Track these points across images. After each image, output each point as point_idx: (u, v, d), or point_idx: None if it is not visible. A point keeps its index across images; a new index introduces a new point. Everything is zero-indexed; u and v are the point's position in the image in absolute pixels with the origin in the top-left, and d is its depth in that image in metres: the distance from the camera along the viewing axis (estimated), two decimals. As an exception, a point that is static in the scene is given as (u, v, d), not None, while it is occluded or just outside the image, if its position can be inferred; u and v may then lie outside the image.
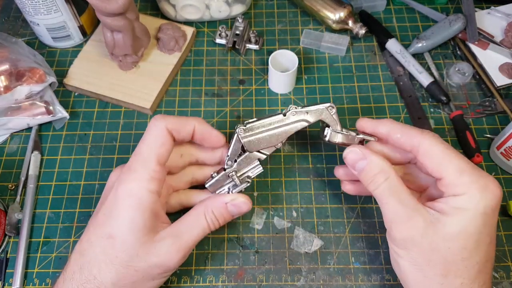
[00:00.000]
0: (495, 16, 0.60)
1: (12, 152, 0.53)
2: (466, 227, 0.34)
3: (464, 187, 0.34)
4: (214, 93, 0.57)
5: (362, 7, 0.62)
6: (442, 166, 0.36)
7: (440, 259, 0.34)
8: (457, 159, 0.35)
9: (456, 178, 0.35)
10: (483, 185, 0.34)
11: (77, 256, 0.37)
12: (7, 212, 0.48)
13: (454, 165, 0.35)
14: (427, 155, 0.37)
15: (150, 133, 0.39)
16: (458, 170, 0.35)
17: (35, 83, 0.52)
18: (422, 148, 0.37)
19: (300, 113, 0.42)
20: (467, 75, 0.56)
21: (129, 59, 0.55)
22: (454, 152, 0.36)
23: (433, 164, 0.36)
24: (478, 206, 0.34)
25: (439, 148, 0.36)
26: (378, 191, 0.37)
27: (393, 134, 0.39)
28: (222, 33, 0.60)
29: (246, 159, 0.42)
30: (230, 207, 0.40)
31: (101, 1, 0.47)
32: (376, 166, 0.38)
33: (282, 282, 0.45)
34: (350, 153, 0.39)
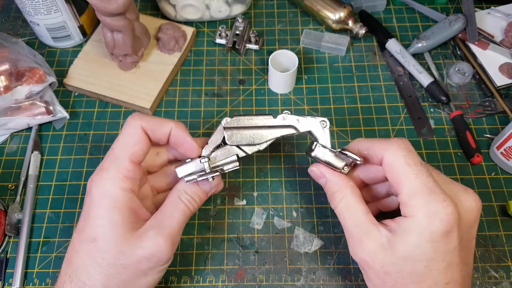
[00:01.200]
0: (495, 16, 0.60)
1: (12, 152, 0.53)
2: (412, 252, 0.33)
3: (413, 210, 0.34)
4: (214, 93, 0.57)
5: (362, 7, 0.62)
6: (398, 183, 0.35)
7: (392, 283, 0.34)
8: (414, 178, 0.34)
9: (407, 199, 0.34)
10: (433, 211, 0.33)
11: (65, 265, 0.36)
12: (7, 212, 0.48)
13: (408, 185, 0.34)
14: (387, 169, 0.36)
15: (124, 131, 0.38)
16: (410, 191, 0.34)
17: (35, 83, 0.52)
18: (384, 161, 0.36)
19: (290, 118, 0.40)
20: (467, 75, 0.56)
21: (129, 59, 0.55)
22: (414, 170, 0.34)
23: (391, 178, 0.35)
24: (424, 232, 0.33)
25: (399, 163, 0.35)
26: (336, 210, 0.38)
27: (362, 151, 0.38)
28: (222, 33, 0.60)
29: (224, 152, 0.40)
30: (201, 183, 0.39)
31: (101, 1, 0.47)
32: (332, 185, 0.38)
33: (282, 282, 0.45)
34: (311, 172, 0.41)
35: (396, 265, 0.34)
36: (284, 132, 0.41)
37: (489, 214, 0.48)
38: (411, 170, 0.34)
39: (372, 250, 0.35)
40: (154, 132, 0.38)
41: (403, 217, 0.34)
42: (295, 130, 0.41)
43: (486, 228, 0.47)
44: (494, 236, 0.46)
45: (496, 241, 0.46)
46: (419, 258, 0.33)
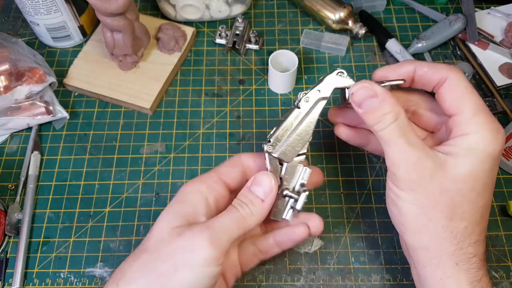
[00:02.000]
0: (495, 16, 0.60)
1: (12, 152, 0.53)
2: (476, 168, 0.33)
3: (477, 126, 0.34)
4: (214, 93, 0.57)
5: (362, 7, 0.62)
6: (462, 102, 0.35)
7: (447, 201, 0.34)
8: (477, 99, 0.35)
9: (472, 116, 0.34)
10: (496, 128, 0.34)
11: None
12: (7, 212, 0.48)
13: (473, 103, 0.34)
14: (450, 89, 0.35)
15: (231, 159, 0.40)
16: (476, 108, 0.34)
17: (35, 83, 0.52)
18: (448, 81, 0.36)
19: (312, 96, 0.38)
20: (467, 75, 0.56)
21: (129, 59, 0.55)
22: (475, 92, 0.35)
23: (453, 98, 0.35)
24: (489, 148, 0.33)
25: (463, 85, 0.35)
26: (386, 131, 0.35)
27: (419, 69, 0.37)
28: (222, 33, 0.60)
29: (289, 171, 0.39)
30: (252, 187, 0.37)
31: (101, 1, 0.47)
32: (387, 105, 0.35)
33: (282, 282, 0.44)
34: (361, 89, 0.36)
35: (457, 182, 0.33)
36: (318, 110, 0.39)
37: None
38: (473, 92, 0.35)
39: (431, 167, 0.34)
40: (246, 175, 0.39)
41: (464, 136, 0.34)
42: (324, 99, 0.39)
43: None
44: (494, 236, 0.46)
45: (496, 241, 0.46)
46: (481, 174, 0.33)
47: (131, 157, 0.52)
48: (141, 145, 0.53)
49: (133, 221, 0.48)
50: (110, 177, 0.51)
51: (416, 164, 0.34)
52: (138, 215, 0.48)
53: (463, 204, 0.34)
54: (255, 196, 0.37)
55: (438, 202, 0.34)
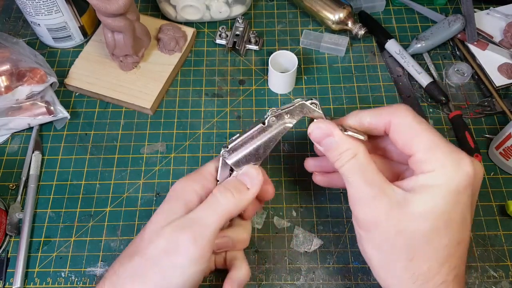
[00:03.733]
0: (494, 17, 0.60)
1: (13, 152, 0.53)
2: (435, 205, 0.31)
3: (435, 163, 0.32)
4: (214, 93, 0.57)
5: (362, 8, 0.62)
6: (412, 142, 0.33)
7: (406, 242, 0.32)
8: (429, 134, 0.33)
9: (427, 154, 0.33)
10: (456, 160, 0.32)
11: None
12: (8, 212, 0.48)
13: (425, 140, 0.33)
14: (397, 131, 0.34)
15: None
16: (429, 145, 0.33)
17: (36, 83, 0.52)
18: (393, 124, 0.35)
19: (280, 116, 0.39)
20: (466, 75, 0.56)
21: (130, 60, 0.55)
22: (426, 127, 0.34)
23: (403, 140, 0.34)
24: (450, 182, 0.31)
25: (410, 123, 0.34)
26: (344, 169, 0.35)
27: (364, 120, 0.37)
28: (222, 33, 0.60)
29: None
30: (240, 176, 0.37)
31: (102, 2, 0.47)
32: (343, 143, 0.35)
33: (281, 282, 0.45)
34: (316, 129, 0.36)
35: (413, 221, 0.32)
36: (281, 132, 0.39)
37: (488, 214, 0.48)
38: (423, 127, 0.33)
39: (386, 207, 0.32)
40: None
41: (422, 174, 0.33)
42: (290, 124, 0.39)
43: (485, 228, 0.47)
44: (493, 235, 0.47)
45: (495, 241, 0.46)
46: (442, 211, 0.31)
47: (132, 157, 0.52)
48: (142, 145, 0.53)
49: (133, 221, 0.48)
50: (111, 177, 0.51)
51: (371, 203, 0.33)
52: (139, 215, 0.49)
53: (423, 245, 0.32)
54: (241, 183, 0.37)
55: (395, 243, 0.32)
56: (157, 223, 0.35)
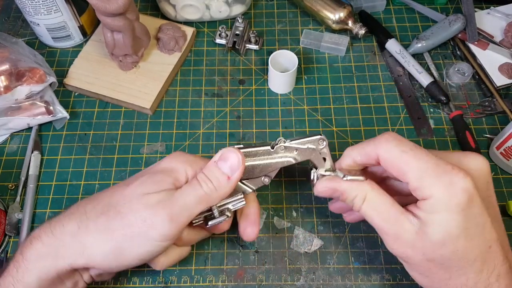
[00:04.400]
0: (494, 16, 0.60)
1: (12, 152, 0.53)
2: (448, 230, 0.32)
3: (429, 190, 0.33)
4: (214, 93, 0.57)
5: (362, 7, 0.62)
6: (402, 172, 0.34)
7: (438, 266, 0.34)
8: (415, 161, 0.34)
9: (418, 182, 0.33)
10: (447, 182, 0.32)
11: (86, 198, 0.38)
12: (7, 212, 0.48)
13: (412, 169, 0.34)
14: (386, 164, 0.35)
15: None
16: (417, 173, 0.33)
17: (35, 83, 0.52)
18: (380, 159, 0.36)
19: (289, 149, 0.40)
20: (467, 75, 0.56)
21: (129, 59, 0.55)
22: (411, 154, 0.34)
23: (394, 171, 0.35)
24: (449, 205, 0.32)
25: (395, 153, 0.34)
26: (362, 212, 0.37)
27: (356, 159, 0.38)
28: (222, 33, 0.60)
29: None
30: (219, 163, 0.37)
31: (101, 1, 0.47)
32: (350, 191, 0.37)
33: (282, 282, 0.45)
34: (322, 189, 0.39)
35: (436, 250, 0.33)
36: (284, 162, 0.40)
37: (488, 214, 0.48)
38: (408, 155, 0.34)
39: (409, 241, 0.34)
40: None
41: (423, 201, 0.33)
42: (294, 160, 0.40)
43: (485, 228, 0.47)
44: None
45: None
46: (456, 235, 0.32)
47: (131, 157, 0.52)
48: (141, 145, 0.53)
49: (133, 221, 0.48)
50: (110, 177, 0.51)
51: (395, 241, 0.35)
52: (138, 215, 0.48)
53: (453, 264, 0.33)
54: (221, 173, 0.37)
55: (430, 268, 0.34)
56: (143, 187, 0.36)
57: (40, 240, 0.35)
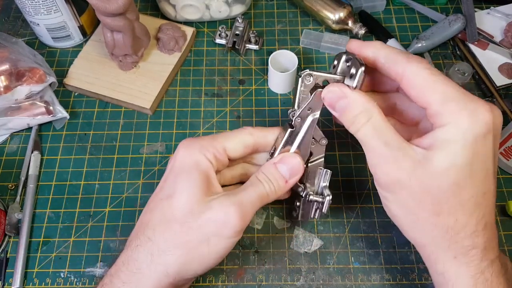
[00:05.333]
0: (494, 16, 0.60)
1: (12, 152, 0.53)
2: (455, 160, 0.31)
3: (450, 116, 0.31)
4: (214, 93, 0.57)
5: (362, 7, 0.62)
6: (426, 94, 0.33)
7: (431, 199, 0.32)
8: (443, 85, 0.32)
9: (441, 106, 0.32)
10: (472, 110, 0.31)
11: (136, 227, 0.38)
12: (7, 212, 0.48)
13: (439, 92, 0.32)
14: (410, 82, 0.33)
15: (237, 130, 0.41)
16: (443, 96, 0.32)
17: (35, 83, 0.52)
18: (405, 75, 0.34)
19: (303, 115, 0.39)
20: (467, 75, 0.56)
21: (129, 59, 0.55)
22: (441, 78, 0.33)
23: (416, 92, 0.33)
24: (468, 134, 0.31)
25: (424, 74, 0.33)
26: (361, 133, 0.34)
27: (377, 59, 0.36)
28: (222, 33, 0.60)
29: (310, 175, 0.41)
30: (279, 165, 0.39)
31: (101, 1, 0.47)
32: (357, 105, 0.34)
33: (281, 282, 0.45)
34: (329, 93, 0.36)
35: (436, 178, 0.32)
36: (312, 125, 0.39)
37: (488, 214, 0.48)
38: (438, 79, 0.33)
39: (408, 166, 0.32)
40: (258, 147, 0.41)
41: (439, 128, 0.32)
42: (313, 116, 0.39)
43: (485, 228, 0.47)
44: (494, 236, 0.46)
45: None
46: (462, 165, 0.31)
47: (131, 157, 0.52)
48: (141, 145, 0.53)
49: (133, 221, 0.48)
50: (110, 177, 0.51)
51: (393, 165, 0.33)
52: (138, 215, 0.48)
53: (448, 199, 0.32)
54: (280, 176, 0.39)
55: (421, 201, 0.33)
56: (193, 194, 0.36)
57: (119, 278, 0.35)
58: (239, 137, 0.40)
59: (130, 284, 0.34)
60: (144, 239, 0.35)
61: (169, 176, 0.38)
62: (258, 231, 0.47)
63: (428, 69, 0.33)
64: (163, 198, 0.37)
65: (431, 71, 0.33)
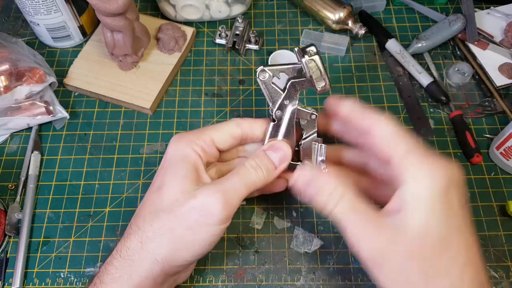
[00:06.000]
0: (494, 16, 0.60)
1: (12, 152, 0.53)
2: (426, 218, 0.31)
3: (412, 170, 0.33)
4: (214, 93, 0.57)
5: (362, 7, 0.62)
6: (390, 147, 0.35)
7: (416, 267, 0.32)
8: (406, 141, 0.34)
9: (403, 160, 0.33)
10: (432, 165, 0.32)
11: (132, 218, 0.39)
12: (7, 212, 0.48)
13: (402, 147, 0.34)
14: (377, 136, 0.36)
15: (225, 122, 0.41)
16: (405, 151, 0.34)
17: (35, 83, 0.52)
18: (373, 129, 0.36)
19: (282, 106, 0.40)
20: (467, 75, 0.56)
21: (129, 59, 0.55)
22: (404, 135, 0.35)
23: (382, 145, 0.35)
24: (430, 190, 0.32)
25: (390, 130, 0.35)
26: (336, 212, 0.35)
27: (350, 115, 0.38)
28: (222, 33, 0.60)
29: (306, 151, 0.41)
30: (268, 152, 0.39)
31: (101, 1, 0.47)
32: (329, 185, 0.36)
33: (281, 282, 0.45)
34: (301, 177, 0.38)
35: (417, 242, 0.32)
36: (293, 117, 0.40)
37: (488, 214, 0.48)
38: (400, 136, 0.35)
39: (388, 237, 0.32)
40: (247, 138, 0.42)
41: (403, 186, 0.33)
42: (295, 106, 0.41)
43: (485, 228, 0.47)
44: (494, 236, 0.46)
45: (495, 241, 0.46)
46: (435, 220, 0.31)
47: (131, 157, 0.52)
48: (141, 145, 0.53)
49: (133, 221, 0.48)
50: (110, 177, 0.51)
51: (372, 239, 0.33)
52: (138, 215, 0.48)
53: (432, 261, 0.31)
54: (270, 162, 0.39)
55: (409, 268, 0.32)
56: (180, 184, 0.37)
57: (113, 265, 0.36)
58: (226, 128, 0.41)
59: (123, 270, 0.36)
60: (135, 228, 0.37)
61: (160, 171, 0.39)
62: (258, 231, 0.47)
63: (394, 126, 0.36)
64: (154, 191, 0.38)
65: (397, 128, 0.35)
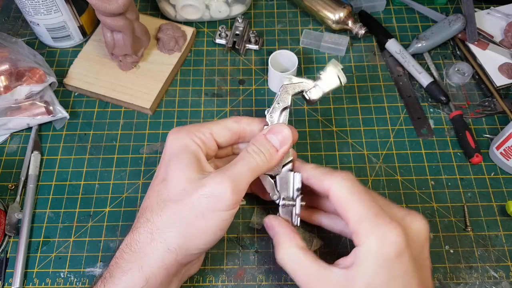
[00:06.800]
0: (494, 16, 0.60)
1: (12, 152, 0.53)
2: (370, 281, 0.33)
3: (362, 236, 0.34)
4: (214, 93, 0.57)
5: (362, 7, 0.62)
6: (345, 212, 0.35)
7: None
8: (359, 204, 0.35)
9: (355, 225, 0.34)
10: (381, 234, 0.33)
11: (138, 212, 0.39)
12: (7, 212, 0.48)
13: (355, 211, 0.35)
14: (334, 199, 0.36)
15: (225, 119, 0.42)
16: (358, 216, 0.35)
17: (35, 83, 0.52)
18: (331, 191, 0.37)
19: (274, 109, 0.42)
20: (467, 75, 0.56)
21: (129, 59, 0.55)
22: (358, 197, 0.35)
23: (339, 208, 0.36)
24: (376, 257, 0.33)
25: (345, 192, 0.36)
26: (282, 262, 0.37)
27: (310, 181, 0.39)
28: (222, 33, 0.60)
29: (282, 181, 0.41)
30: (268, 136, 0.40)
31: (101, 1, 0.47)
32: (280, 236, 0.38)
33: (281, 282, 0.45)
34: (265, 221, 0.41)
35: None
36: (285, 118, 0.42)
37: (488, 214, 0.48)
38: (355, 198, 0.35)
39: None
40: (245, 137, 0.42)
41: (358, 246, 0.34)
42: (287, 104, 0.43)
43: (485, 228, 0.47)
44: (494, 236, 0.47)
45: (495, 241, 0.46)
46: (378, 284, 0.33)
47: (131, 157, 0.52)
48: (141, 145, 0.53)
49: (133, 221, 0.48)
50: (110, 177, 0.51)
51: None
52: (138, 215, 0.48)
53: None
54: (271, 145, 0.39)
55: None
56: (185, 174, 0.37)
57: (123, 259, 0.36)
58: (225, 123, 0.41)
59: (134, 263, 0.35)
60: (143, 221, 0.37)
61: (162, 163, 0.40)
62: (258, 231, 0.47)
63: (349, 186, 0.36)
64: (158, 183, 0.38)
65: (351, 188, 0.36)
